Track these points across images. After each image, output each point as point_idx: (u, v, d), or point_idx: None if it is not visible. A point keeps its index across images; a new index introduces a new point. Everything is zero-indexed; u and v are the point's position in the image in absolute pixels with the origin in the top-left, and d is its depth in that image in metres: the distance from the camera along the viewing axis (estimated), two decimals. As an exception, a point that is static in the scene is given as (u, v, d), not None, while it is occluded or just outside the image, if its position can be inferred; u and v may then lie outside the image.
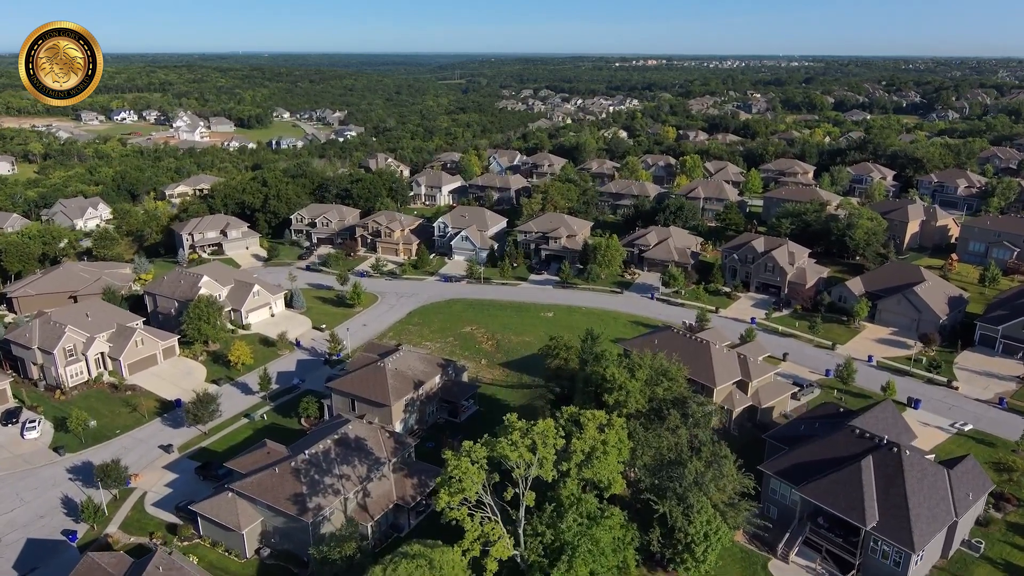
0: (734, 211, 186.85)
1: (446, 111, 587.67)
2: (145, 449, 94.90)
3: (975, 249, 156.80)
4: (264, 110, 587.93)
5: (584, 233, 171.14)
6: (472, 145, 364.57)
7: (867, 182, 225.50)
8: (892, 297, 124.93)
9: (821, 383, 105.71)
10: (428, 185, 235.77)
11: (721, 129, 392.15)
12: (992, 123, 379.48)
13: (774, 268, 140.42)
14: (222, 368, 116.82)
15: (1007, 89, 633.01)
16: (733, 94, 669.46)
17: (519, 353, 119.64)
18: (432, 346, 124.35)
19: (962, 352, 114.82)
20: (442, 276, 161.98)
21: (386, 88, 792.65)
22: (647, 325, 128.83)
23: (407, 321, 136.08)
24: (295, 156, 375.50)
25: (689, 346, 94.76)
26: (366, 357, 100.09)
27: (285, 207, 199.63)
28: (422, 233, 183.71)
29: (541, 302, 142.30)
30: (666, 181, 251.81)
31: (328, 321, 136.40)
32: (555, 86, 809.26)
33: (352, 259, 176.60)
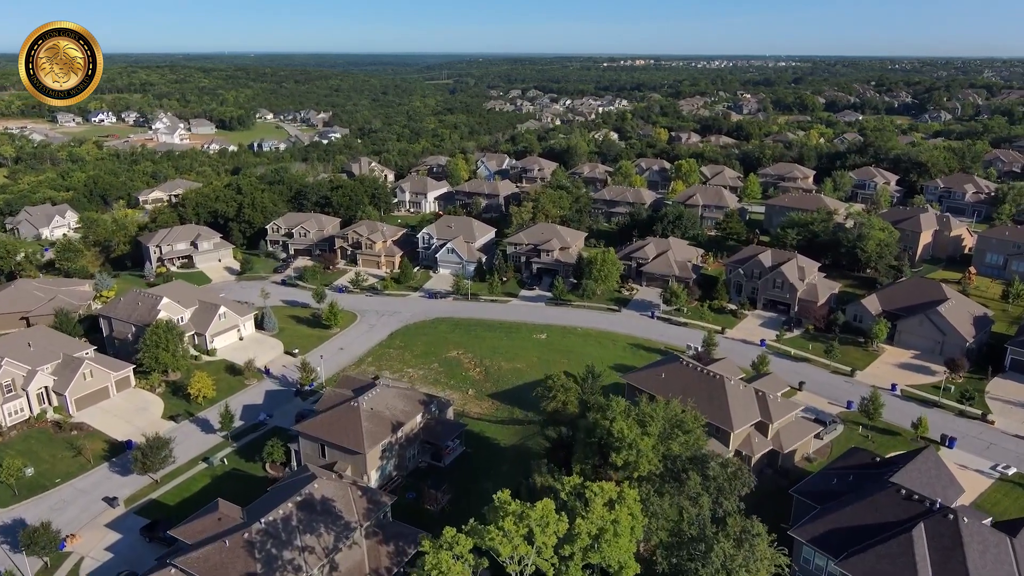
0: (735, 220, 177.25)
1: (433, 112, 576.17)
2: (87, 502, 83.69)
3: (992, 261, 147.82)
4: (247, 111, 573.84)
5: (578, 245, 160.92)
6: (459, 148, 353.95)
7: (870, 187, 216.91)
8: (913, 318, 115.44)
9: (844, 417, 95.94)
10: (413, 191, 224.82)
11: (713, 131, 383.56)
12: (989, 124, 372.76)
13: (783, 284, 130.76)
14: (181, 401, 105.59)
15: (997, 89, 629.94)
16: (723, 94, 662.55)
17: (510, 382, 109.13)
18: (414, 373, 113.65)
19: (992, 379, 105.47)
20: (426, 292, 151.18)
21: (373, 89, 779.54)
22: (648, 349, 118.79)
23: (388, 344, 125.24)
24: (277, 159, 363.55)
25: (700, 381, 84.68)
26: (338, 394, 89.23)
27: (260, 216, 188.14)
28: (406, 244, 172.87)
29: (533, 322, 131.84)
30: (661, 186, 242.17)
31: (302, 344, 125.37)
32: (543, 86, 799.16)
33: (331, 272, 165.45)
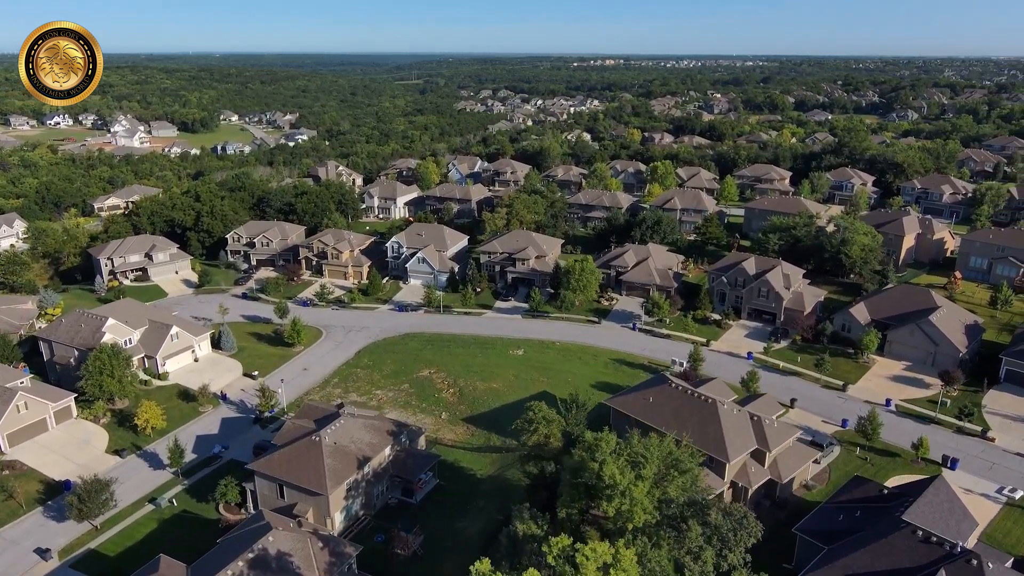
0: (715, 224, 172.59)
1: (403, 113, 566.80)
2: (16, 555, 74.95)
3: (976, 265, 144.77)
4: (210, 113, 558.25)
5: (554, 253, 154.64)
6: (430, 150, 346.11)
7: (847, 188, 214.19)
8: (904, 328, 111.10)
9: (840, 437, 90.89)
10: (382, 197, 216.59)
11: (687, 131, 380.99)
12: (958, 123, 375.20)
13: (768, 293, 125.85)
14: (128, 433, 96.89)
15: (960, 88, 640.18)
16: (694, 94, 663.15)
17: (486, 404, 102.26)
18: (384, 396, 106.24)
19: (988, 391, 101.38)
20: (396, 305, 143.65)
21: (341, 89, 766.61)
22: (631, 364, 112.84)
23: (355, 363, 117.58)
24: (241, 162, 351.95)
25: (691, 406, 78.77)
26: (298, 427, 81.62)
27: (220, 225, 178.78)
28: (374, 253, 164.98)
29: (509, 336, 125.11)
30: (636, 188, 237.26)
31: (262, 365, 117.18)
32: (514, 86, 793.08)
33: (295, 285, 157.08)
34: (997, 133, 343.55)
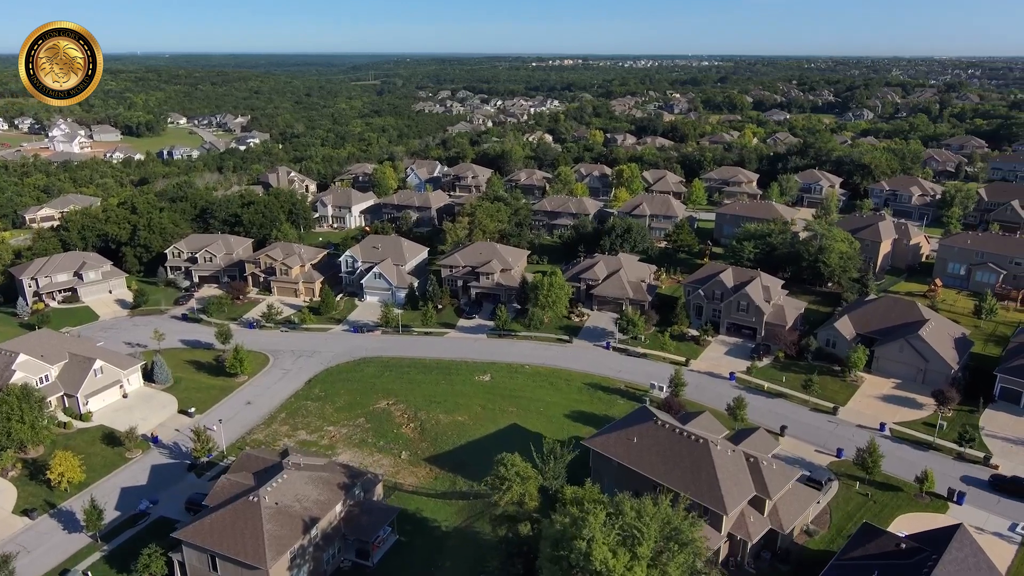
0: (686, 231, 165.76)
1: (360, 114, 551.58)
2: None
3: (954, 271, 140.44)
4: (156, 116, 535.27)
5: (521, 265, 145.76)
6: (387, 153, 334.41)
7: (816, 190, 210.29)
8: (893, 343, 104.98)
9: (836, 469, 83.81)
10: (336, 205, 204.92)
11: (649, 132, 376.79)
12: (915, 123, 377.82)
13: (748, 307, 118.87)
14: (41, 488, 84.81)
15: (911, 88, 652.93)
16: (653, 94, 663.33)
17: (450, 441, 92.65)
18: (336, 433, 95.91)
19: (984, 411, 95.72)
20: (351, 325, 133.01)
21: (295, 90, 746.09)
22: (607, 389, 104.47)
23: (305, 395, 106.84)
24: (189, 168, 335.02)
25: (680, 447, 70.52)
26: (234, 484, 71.03)
27: (159, 239, 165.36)
28: (327, 268, 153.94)
29: (474, 359, 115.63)
30: (602, 193, 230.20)
31: (201, 400, 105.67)
32: (473, 87, 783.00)
33: (241, 304, 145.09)
34: (954, 132, 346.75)
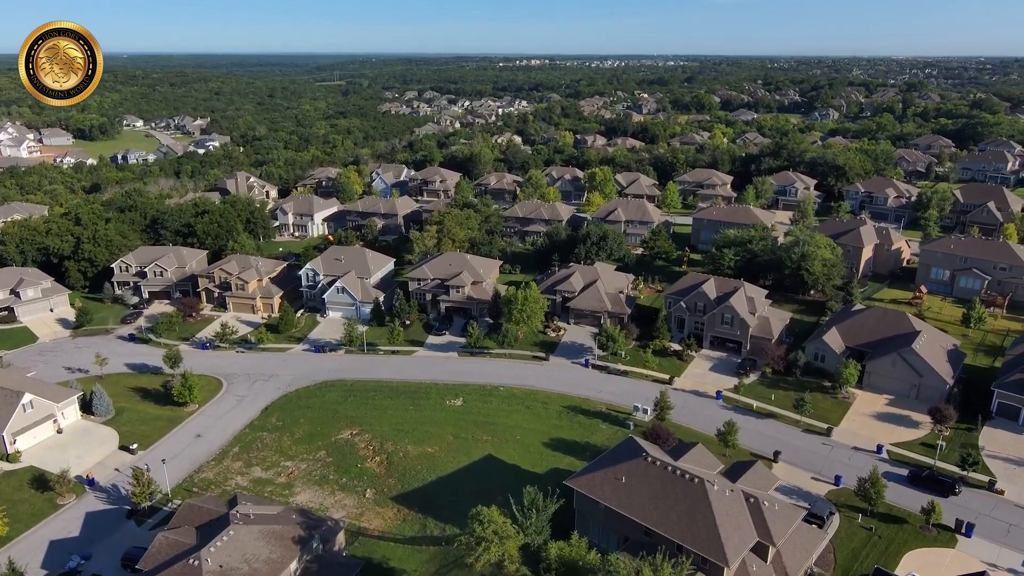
0: (662, 237, 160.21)
1: (324, 116, 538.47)
2: None
3: (938, 276, 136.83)
4: (111, 119, 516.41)
5: (493, 276, 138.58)
6: (353, 156, 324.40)
7: (791, 193, 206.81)
8: (885, 357, 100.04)
9: (835, 499, 78.18)
10: (297, 213, 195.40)
11: (619, 132, 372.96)
12: (881, 123, 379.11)
13: (732, 320, 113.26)
14: (-43, 544, 75.33)
15: (874, 87, 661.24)
16: (621, 94, 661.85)
17: (420, 477, 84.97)
18: (295, 469, 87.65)
19: (983, 429, 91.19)
20: (312, 344, 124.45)
21: (258, 91, 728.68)
22: (588, 413, 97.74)
23: (260, 425, 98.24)
24: (144, 173, 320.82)
25: (674, 488, 63.98)
26: (172, 544, 62.59)
27: (105, 252, 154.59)
28: (287, 281, 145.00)
29: (445, 381, 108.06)
30: (574, 196, 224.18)
31: (145, 434, 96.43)
32: (440, 87, 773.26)
33: (194, 322, 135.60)
34: (920, 132, 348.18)
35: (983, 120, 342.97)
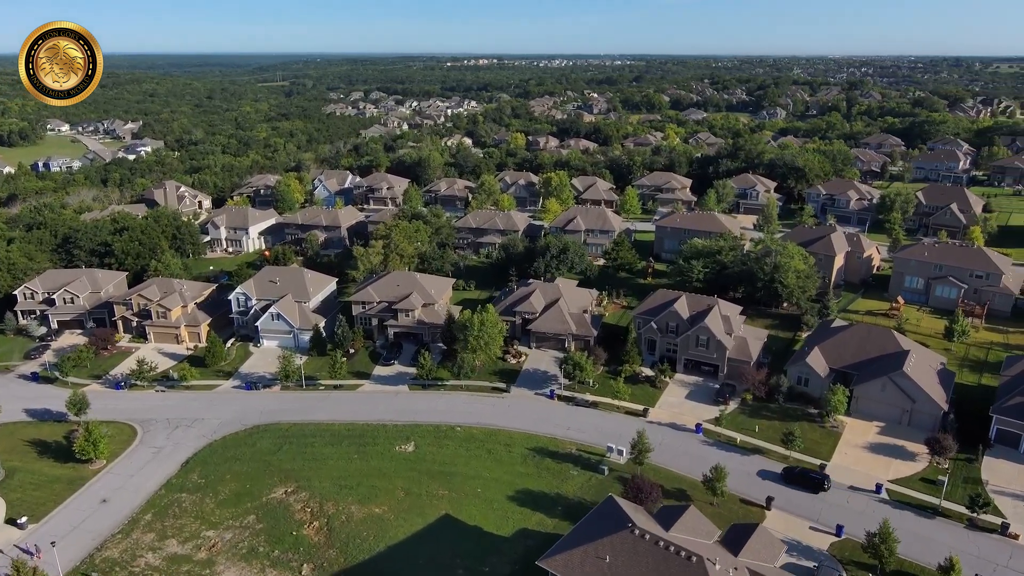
0: (625, 247, 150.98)
1: (266, 118, 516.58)
2: None
3: (912, 285, 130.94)
4: (33, 123, 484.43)
5: (446, 297, 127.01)
6: (295, 160, 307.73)
7: (752, 196, 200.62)
8: (875, 382, 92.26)
9: (839, 554, 69.40)
10: (230, 227, 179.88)
11: (571, 133, 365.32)
12: (831, 121, 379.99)
13: (708, 342, 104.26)
14: None
15: (817, 86, 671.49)
16: (571, 94, 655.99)
17: (366, 547, 72.82)
18: (217, 541, 74.60)
19: (983, 459, 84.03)
20: (243, 380, 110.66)
21: (196, 93, 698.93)
22: (556, 456, 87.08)
23: (180, 484, 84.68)
24: (68, 182, 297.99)
25: (669, 570, 53.77)
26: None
27: (7, 278, 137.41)
28: (216, 307, 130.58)
29: (394, 421, 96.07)
30: (529, 203, 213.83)
31: (39, 501, 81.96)
32: (387, 88, 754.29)
33: (108, 356, 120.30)
34: (869, 131, 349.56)
35: (930, 119, 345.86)
